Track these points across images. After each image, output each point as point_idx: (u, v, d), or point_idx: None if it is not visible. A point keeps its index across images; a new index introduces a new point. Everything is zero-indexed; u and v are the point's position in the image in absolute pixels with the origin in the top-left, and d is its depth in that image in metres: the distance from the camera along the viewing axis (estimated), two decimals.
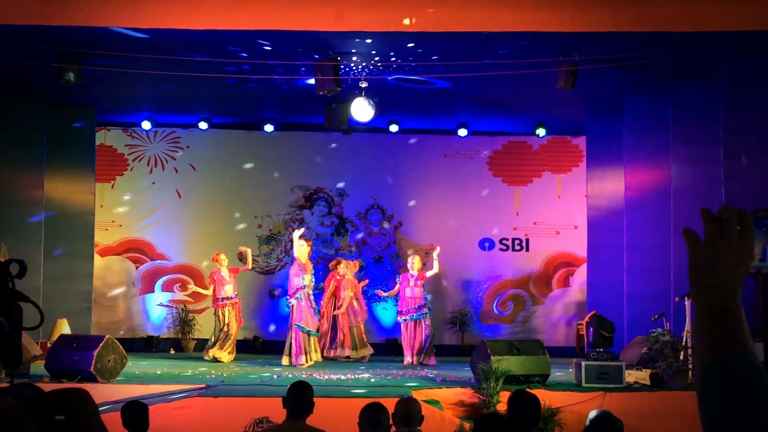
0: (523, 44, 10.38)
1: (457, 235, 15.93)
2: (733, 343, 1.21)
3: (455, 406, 9.26)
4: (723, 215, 1.31)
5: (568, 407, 8.98)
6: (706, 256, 1.30)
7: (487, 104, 14.26)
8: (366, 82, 11.89)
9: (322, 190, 16.08)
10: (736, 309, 1.26)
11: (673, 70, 11.39)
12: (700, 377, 1.20)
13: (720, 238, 1.29)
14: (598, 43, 10.21)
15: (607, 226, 14.32)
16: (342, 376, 10.85)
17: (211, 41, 10.46)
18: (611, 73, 11.36)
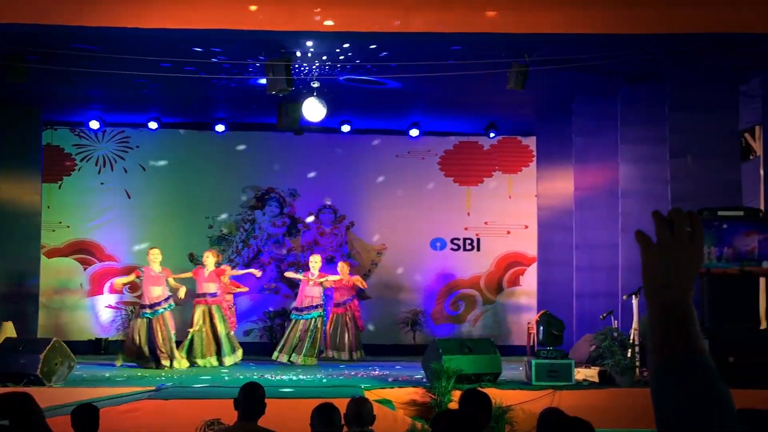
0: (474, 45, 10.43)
1: (408, 234, 15.97)
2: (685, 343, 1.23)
3: (407, 406, 9.28)
4: (674, 217, 1.33)
5: (518, 405, 9.06)
6: (658, 257, 1.32)
7: (439, 105, 14.32)
8: (318, 82, 11.87)
9: (274, 191, 16.01)
10: (688, 309, 1.28)
11: (621, 71, 11.54)
12: (654, 376, 1.22)
13: (671, 240, 1.32)
14: (547, 44, 10.30)
15: (557, 225, 14.48)
16: (294, 377, 10.82)
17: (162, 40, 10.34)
18: (561, 75, 11.48)
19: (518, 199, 16.07)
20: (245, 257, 15.82)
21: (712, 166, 10.72)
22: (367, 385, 9.75)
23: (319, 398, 7.12)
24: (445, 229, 16.13)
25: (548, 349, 10.25)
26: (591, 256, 12.93)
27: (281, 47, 10.59)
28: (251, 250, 15.86)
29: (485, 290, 16.12)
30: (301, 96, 12.00)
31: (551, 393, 9.35)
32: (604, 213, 12.73)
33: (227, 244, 15.80)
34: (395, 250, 15.99)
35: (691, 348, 1.22)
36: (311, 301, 13.05)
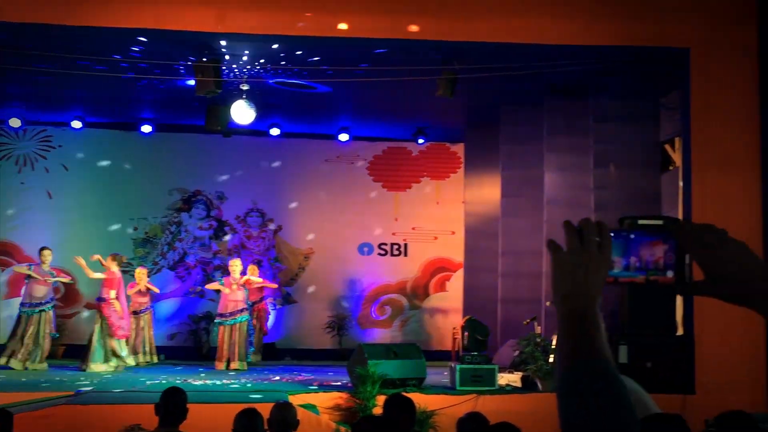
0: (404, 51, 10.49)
1: (336, 239, 15.97)
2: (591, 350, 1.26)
3: (332, 411, 9.27)
4: (583, 227, 1.37)
5: (442, 410, 9.12)
6: (567, 266, 1.36)
7: (369, 110, 14.37)
8: (247, 85, 11.79)
9: (201, 193, 15.84)
10: (595, 317, 1.32)
11: (547, 81, 11.75)
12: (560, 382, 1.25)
13: (580, 249, 1.36)
14: (476, 52, 10.42)
15: (484, 231, 14.64)
16: (218, 382, 10.71)
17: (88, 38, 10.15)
18: (489, 83, 11.62)
19: (446, 205, 16.21)
20: (170, 260, 15.62)
21: (633, 175, 10.97)
22: (292, 390, 9.71)
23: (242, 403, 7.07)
24: (372, 234, 16.18)
25: (472, 354, 10.34)
26: (516, 262, 13.11)
27: (210, 49, 10.50)
28: (177, 253, 15.65)
29: (412, 295, 16.21)
30: (230, 98, 11.90)
31: (474, 398, 9.44)
32: (529, 220, 12.93)
33: (152, 246, 15.57)
34: (323, 255, 15.97)
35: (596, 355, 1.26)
36: (235, 306, 12.93)
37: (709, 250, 1.35)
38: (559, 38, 9.97)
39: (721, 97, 9.93)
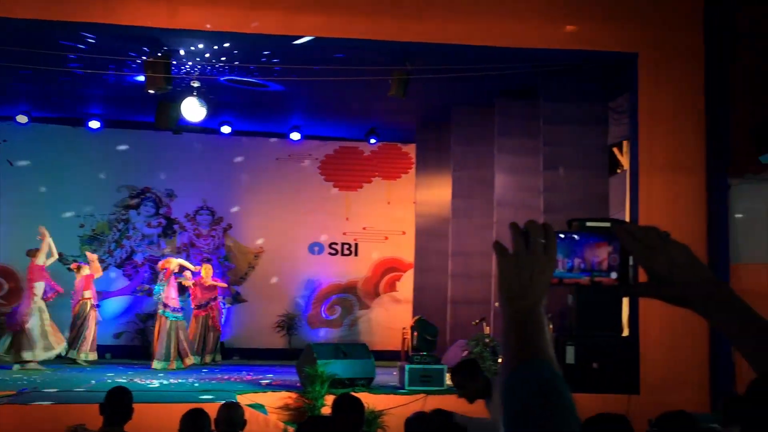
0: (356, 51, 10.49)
1: (287, 238, 15.91)
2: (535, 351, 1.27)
3: (280, 410, 9.24)
4: (529, 229, 1.38)
5: (391, 410, 9.14)
6: (513, 267, 1.37)
7: (321, 109, 14.33)
8: (198, 82, 11.69)
9: (150, 191, 15.65)
10: (540, 317, 1.33)
11: (498, 83, 11.82)
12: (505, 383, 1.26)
13: (526, 251, 1.37)
14: (429, 53, 10.45)
15: (434, 232, 14.69)
16: (165, 381, 10.60)
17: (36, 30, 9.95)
18: (441, 84, 11.67)
19: (397, 205, 16.23)
20: (117, 257, 15.41)
21: (582, 178, 11.10)
22: (240, 390, 9.65)
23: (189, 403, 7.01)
24: (323, 234, 16.15)
25: (422, 354, 10.38)
26: (466, 263, 13.18)
27: (161, 45, 10.38)
28: (124, 251, 15.45)
29: (362, 295, 16.21)
30: (181, 95, 11.78)
31: (423, 398, 9.47)
32: (479, 221, 13.00)
33: (99, 243, 15.34)
34: (273, 254, 15.89)
35: (540, 355, 1.27)
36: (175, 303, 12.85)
37: (652, 252, 1.37)
38: (511, 41, 10.05)
39: (667, 101, 10.09)
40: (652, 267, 1.37)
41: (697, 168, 10.06)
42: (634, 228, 1.40)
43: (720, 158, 9.96)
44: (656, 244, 1.37)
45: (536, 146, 11.36)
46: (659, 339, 9.59)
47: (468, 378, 5.55)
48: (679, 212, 9.89)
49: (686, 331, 9.15)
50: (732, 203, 10.21)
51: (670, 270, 1.35)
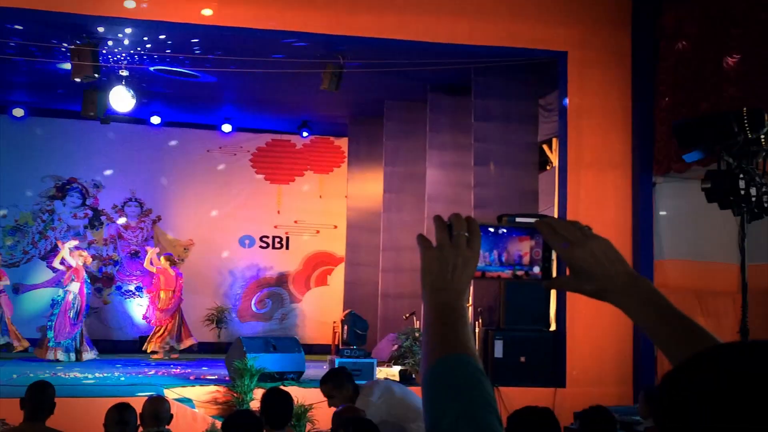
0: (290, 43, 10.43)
1: (217, 231, 15.75)
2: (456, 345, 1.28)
3: (208, 405, 9.15)
4: (453, 222, 1.39)
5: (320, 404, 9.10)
6: (436, 260, 1.37)
7: (253, 101, 14.21)
8: (126, 71, 11.48)
9: (76, 181, 15.33)
10: (461, 311, 1.34)
11: (430, 79, 11.89)
12: (426, 376, 1.26)
13: (449, 244, 1.37)
14: (362, 47, 10.45)
15: (365, 226, 14.71)
16: (90, 375, 10.40)
17: None
18: (373, 78, 11.67)
19: (329, 199, 16.20)
20: (42, 249, 15.06)
21: (512, 174, 11.22)
22: (167, 384, 9.53)
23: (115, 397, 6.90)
24: (254, 227, 16.03)
25: (352, 348, 10.39)
26: (397, 257, 13.22)
27: (88, 32, 10.16)
28: (49, 242, 15.10)
29: (293, 289, 16.15)
30: (109, 84, 11.56)
31: None
32: (411, 216, 13.06)
33: (22, 234, 14.97)
34: (203, 246, 15.72)
35: (462, 349, 1.27)
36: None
37: (573, 246, 1.38)
38: (443, 36, 10.11)
39: (595, 99, 10.28)
40: (573, 261, 1.39)
41: (623, 165, 10.27)
42: (555, 222, 1.41)
43: (645, 156, 10.19)
44: (577, 239, 1.38)
45: (467, 142, 11.45)
46: (585, 334, 9.77)
47: (336, 387, 5.61)
48: (606, 209, 10.08)
49: (611, 326, 9.33)
50: (657, 201, 10.45)
51: (590, 264, 1.37)
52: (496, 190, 11.08)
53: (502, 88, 11.14)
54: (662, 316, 1.32)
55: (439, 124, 12.37)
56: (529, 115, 11.33)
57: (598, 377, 9.68)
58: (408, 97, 13.13)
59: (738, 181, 7.51)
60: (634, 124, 10.27)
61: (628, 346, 9.85)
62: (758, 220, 7.70)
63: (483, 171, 11.17)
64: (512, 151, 11.22)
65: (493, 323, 10.37)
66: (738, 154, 7.63)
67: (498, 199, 10.92)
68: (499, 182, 11.11)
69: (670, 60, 9.97)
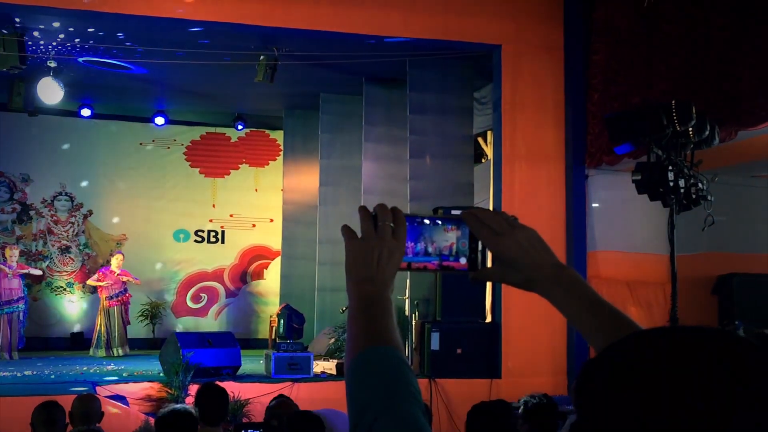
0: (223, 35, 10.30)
1: (151, 225, 15.52)
2: (381, 336, 1.26)
3: (142, 401, 9.01)
4: (378, 213, 1.37)
5: (257, 398, 9.06)
6: (360, 251, 1.35)
7: (186, 93, 14.02)
8: (55, 62, 11.21)
9: (3, 175, 14.94)
10: (386, 303, 1.32)
11: (365, 71, 11.87)
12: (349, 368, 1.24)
13: (374, 234, 1.35)
14: (297, 39, 10.38)
15: (302, 219, 14.65)
16: (18, 374, 10.15)
17: None
18: (309, 70, 11.61)
19: (264, 192, 16.09)
20: None
21: (448, 167, 11.27)
22: (99, 381, 9.35)
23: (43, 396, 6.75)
24: (189, 221, 15.83)
25: (288, 342, 10.34)
26: (333, 250, 13.18)
27: (13, 21, 9.89)
28: None
29: (229, 283, 16.00)
30: (37, 75, 11.28)
31: (290, 385, 9.44)
32: (347, 209, 13.02)
33: None
34: (136, 241, 15.46)
35: (386, 341, 1.26)
36: (10, 294, 12.37)
37: (499, 236, 1.38)
38: (377, 29, 10.11)
39: (529, 92, 10.39)
40: (499, 251, 1.38)
41: (557, 158, 10.41)
42: (481, 213, 1.41)
43: (578, 149, 10.33)
44: (503, 229, 1.37)
45: (403, 135, 11.47)
46: (520, 325, 9.88)
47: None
48: (540, 201, 10.21)
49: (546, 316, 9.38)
50: (589, 192, 10.61)
51: (516, 254, 1.36)
52: (431, 183, 11.12)
53: (437, 81, 11.18)
54: (587, 306, 1.32)
55: (375, 116, 12.37)
56: (464, 108, 11.39)
57: (533, 368, 9.80)
58: (343, 90, 13.10)
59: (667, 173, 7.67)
60: (567, 117, 10.41)
61: (563, 336, 9.99)
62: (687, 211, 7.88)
63: (419, 164, 11.20)
64: (448, 144, 11.26)
65: (429, 315, 10.41)
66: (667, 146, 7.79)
67: (434, 191, 10.97)
68: (435, 175, 11.15)
69: (602, 54, 10.13)
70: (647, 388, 0.83)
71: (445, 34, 10.24)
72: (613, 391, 0.85)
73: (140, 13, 9.50)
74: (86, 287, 14.78)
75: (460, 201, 10.62)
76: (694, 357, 0.84)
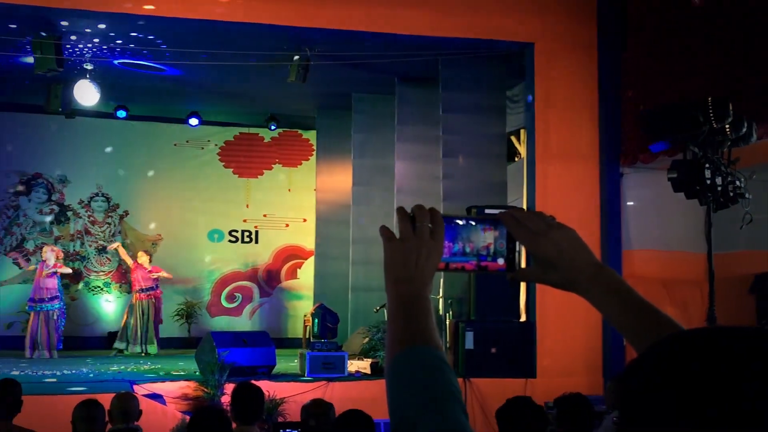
0: (256, 36, 10.36)
1: (186, 225, 15.65)
2: (419, 337, 1.27)
3: (179, 400, 9.09)
4: (416, 213, 1.37)
5: (291, 397, 9.10)
6: (398, 252, 1.36)
7: (220, 95, 14.11)
8: (91, 65, 11.34)
9: (41, 176, 15.14)
10: (425, 302, 1.32)
11: (397, 71, 11.87)
12: (389, 369, 1.25)
13: (412, 235, 1.36)
14: (329, 39, 10.41)
15: (335, 219, 14.67)
16: (58, 372, 10.29)
17: None
18: (341, 70, 11.64)
19: (297, 192, 16.15)
20: (7, 245, 14.87)
21: (481, 166, 11.24)
22: (137, 380, 9.46)
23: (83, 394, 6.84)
24: (223, 221, 15.94)
25: (323, 341, 10.38)
26: (367, 250, 13.18)
27: (51, 25, 10.02)
28: (15, 238, 14.92)
29: (263, 283, 16.09)
30: (73, 78, 11.42)
31: (324, 385, 9.47)
32: (380, 208, 13.04)
33: None
34: (171, 241, 15.60)
35: (426, 341, 1.26)
36: (46, 293, 12.53)
37: (537, 236, 1.38)
38: (410, 28, 10.11)
39: (562, 90, 10.33)
40: (538, 252, 1.38)
41: (591, 156, 10.34)
42: (519, 213, 1.41)
43: (612, 147, 10.25)
44: (542, 229, 1.38)
45: (436, 134, 11.45)
46: (555, 324, 9.82)
47: None
48: (574, 199, 10.14)
49: (581, 315, 9.37)
50: (624, 191, 10.53)
51: (554, 254, 1.36)
52: (464, 182, 11.09)
53: (470, 79, 11.15)
54: (627, 306, 1.32)
55: (407, 116, 12.36)
56: (496, 107, 11.35)
57: (568, 367, 9.74)
58: (376, 90, 13.11)
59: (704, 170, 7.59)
60: (601, 115, 10.33)
61: (598, 335, 9.93)
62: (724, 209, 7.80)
63: (451, 163, 11.18)
64: (480, 143, 11.23)
65: (463, 315, 10.39)
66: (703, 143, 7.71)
67: (467, 190, 10.93)
68: (468, 174, 11.12)
69: (635, 50, 10.04)
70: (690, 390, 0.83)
71: (477, 32, 10.21)
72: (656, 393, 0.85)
73: (176, 15, 9.58)
74: (122, 287, 14.93)
75: (493, 200, 10.59)
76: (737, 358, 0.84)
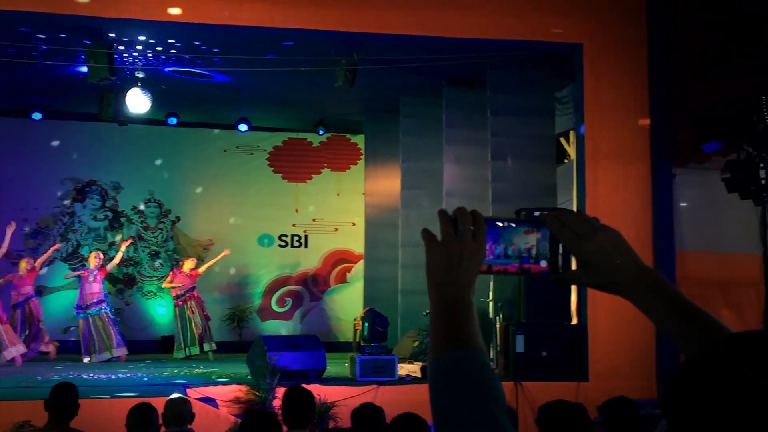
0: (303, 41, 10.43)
1: (236, 230, 15.80)
2: (462, 340, 1.26)
3: (231, 404, 9.16)
4: (458, 216, 1.37)
5: (342, 401, 9.12)
6: (441, 254, 1.36)
7: (268, 100, 14.22)
8: (142, 73, 11.53)
9: (95, 183, 15.42)
10: (467, 305, 1.32)
11: (446, 73, 11.85)
12: (432, 372, 1.25)
13: (454, 238, 1.36)
14: (376, 43, 10.44)
15: (384, 223, 14.68)
16: (113, 376, 10.46)
17: None
18: (388, 74, 11.65)
19: (346, 196, 16.20)
20: (63, 251, 15.16)
21: (530, 168, 11.17)
22: (189, 383, 9.56)
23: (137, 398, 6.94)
24: (272, 226, 16.06)
25: (373, 345, 10.38)
26: (416, 253, 13.16)
27: (103, 34, 10.20)
28: (70, 245, 15.20)
29: (312, 287, 16.17)
30: (125, 86, 11.61)
31: (375, 388, 9.48)
32: (429, 212, 13.01)
33: (44, 237, 15.07)
34: (222, 246, 15.71)
35: (469, 343, 1.26)
36: (92, 298, 12.72)
37: (582, 238, 1.37)
38: (457, 31, 10.08)
39: (612, 91, 10.21)
40: (582, 254, 1.37)
41: (642, 157, 10.20)
42: (563, 215, 1.40)
43: (664, 148, 10.11)
44: (585, 231, 1.36)
45: (484, 137, 11.41)
46: (607, 326, 9.71)
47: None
48: (626, 201, 10.02)
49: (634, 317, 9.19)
50: (677, 192, 10.38)
51: (598, 257, 1.35)
52: (513, 185, 11.03)
53: (518, 81, 11.10)
54: (674, 309, 1.30)
55: (455, 119, 12.34)
56: (545, 109, 11.28)
57: (621, 370, 9.62)
58: (423, 93, 13.10)
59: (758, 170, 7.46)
60: (651, 115, 10.20)
61: (651, 337, 9.78)
62: None
63: (500, 165, 11.13)
64: (529, 145, 11.17)
65: (513, 317, 10.33)
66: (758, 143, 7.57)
67: (516, 193, 10.88)
68: (517, 176, 11.07)
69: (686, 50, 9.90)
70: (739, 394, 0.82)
71: (525, 34, 10.16)
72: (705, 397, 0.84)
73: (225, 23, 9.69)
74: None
75: (543, 202, 10.52)
76: None
